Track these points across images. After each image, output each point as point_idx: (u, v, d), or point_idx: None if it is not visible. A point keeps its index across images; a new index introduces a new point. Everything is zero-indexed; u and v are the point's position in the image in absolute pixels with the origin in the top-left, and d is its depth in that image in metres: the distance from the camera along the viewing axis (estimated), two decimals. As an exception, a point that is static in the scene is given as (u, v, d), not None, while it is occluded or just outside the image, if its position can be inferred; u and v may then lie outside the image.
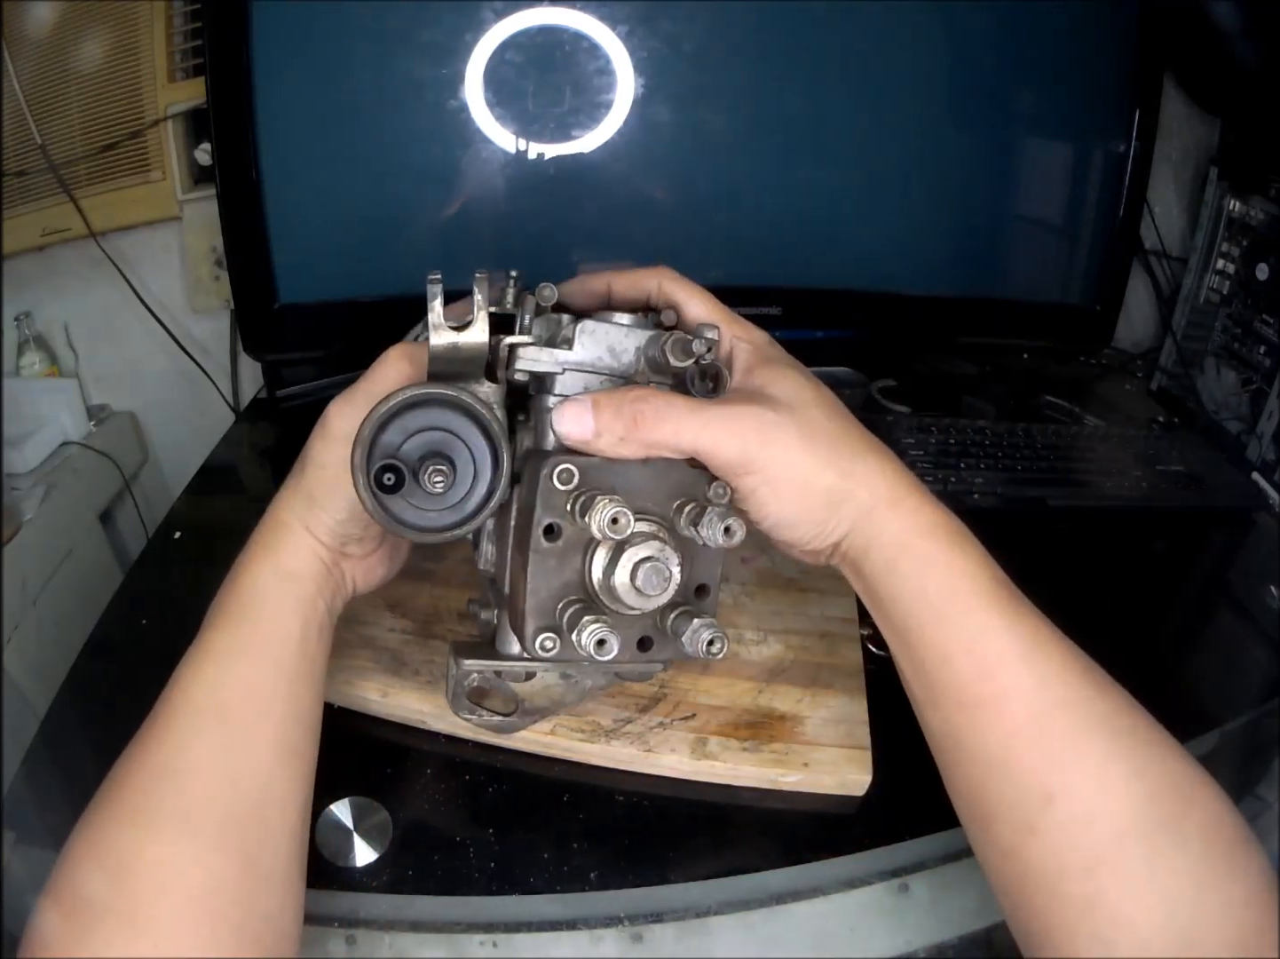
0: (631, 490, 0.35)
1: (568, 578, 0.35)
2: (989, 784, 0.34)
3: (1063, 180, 0.86)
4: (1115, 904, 0.31)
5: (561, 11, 0.69)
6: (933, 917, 0.44)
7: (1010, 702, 0.33)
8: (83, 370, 0.94)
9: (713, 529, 0.33)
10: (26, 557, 0.75)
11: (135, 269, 0.89)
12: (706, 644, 0.34)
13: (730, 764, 0.44)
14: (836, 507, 0.35)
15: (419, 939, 0.41)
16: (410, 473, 0.32)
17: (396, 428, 0.33)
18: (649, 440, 0.34)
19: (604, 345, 0.37)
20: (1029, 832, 0.33)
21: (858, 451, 0.36)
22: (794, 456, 0.35)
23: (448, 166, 0.72)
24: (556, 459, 0.34)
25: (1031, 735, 0.33)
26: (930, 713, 0.36)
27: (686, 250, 0.77)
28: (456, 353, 0.35)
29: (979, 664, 0.34)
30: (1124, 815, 0.32)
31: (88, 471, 0.88)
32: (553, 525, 0.34)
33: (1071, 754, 0.33)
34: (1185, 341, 0.92)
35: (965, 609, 0.35)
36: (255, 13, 0.65)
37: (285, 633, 0.37)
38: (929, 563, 0.35)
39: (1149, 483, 0.74)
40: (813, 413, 0.36)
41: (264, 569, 0.38)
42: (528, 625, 0.35)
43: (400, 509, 0.33)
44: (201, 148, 0.85)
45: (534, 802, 0.44)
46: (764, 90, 0.75)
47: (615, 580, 0.34)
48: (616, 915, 0.42)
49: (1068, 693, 0.34)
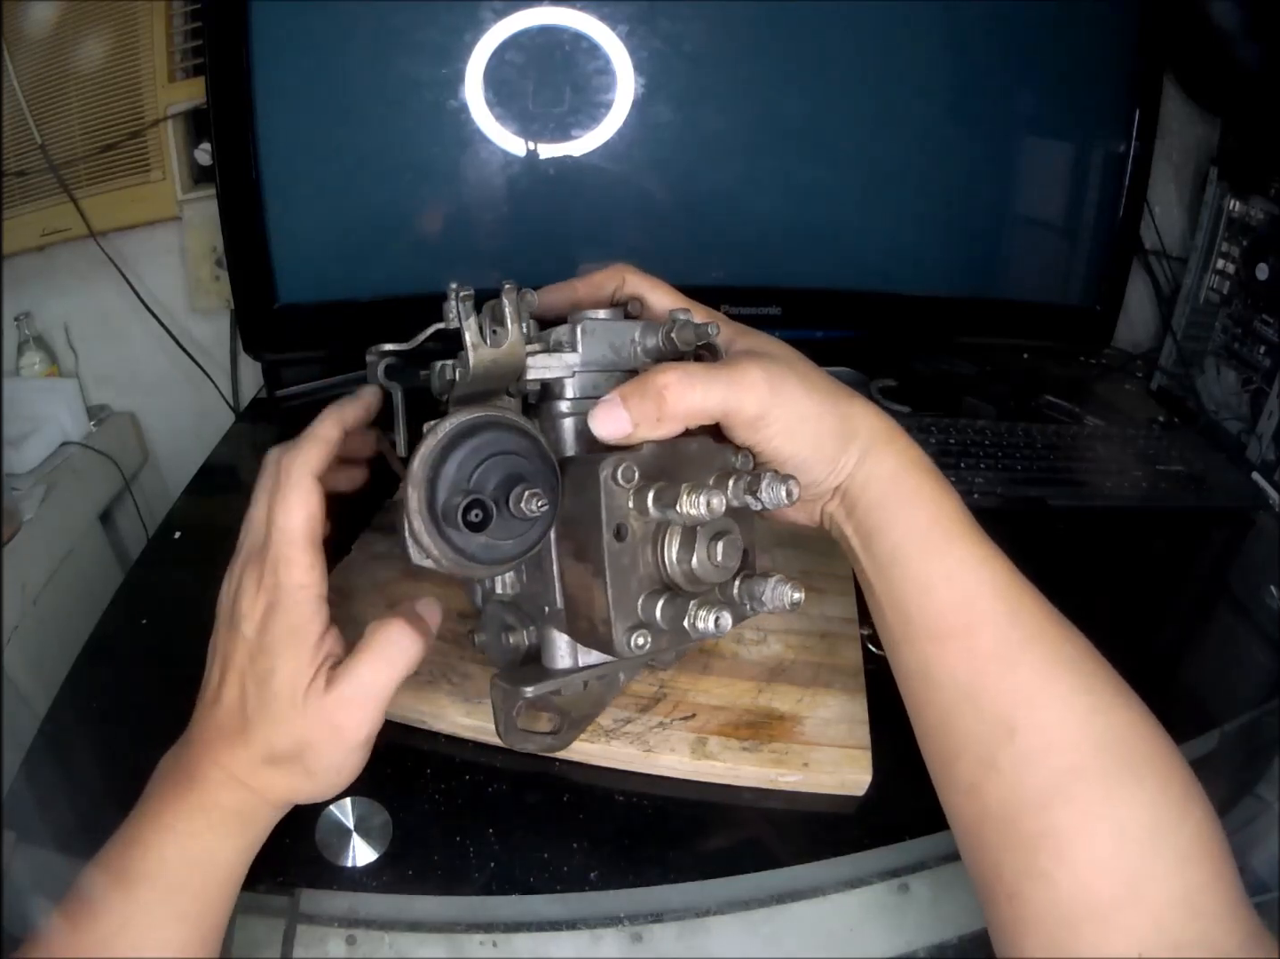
0: (678, 473, 0.35)
1: (642, 572, 0.35)
2: (956, 716, 0.35)
3: (1063, 180, 0.86)
4: (1066, 841, 0.31)
5: (561, 11, 0.69)
6: (933, 917, 0.44)
7: (983, 631, 0.35)
8: (83, 370, 0.94)
9: (774, 491, 0.34)
10: (26, 557, 0.75)
11: (135, 269, 0.89)
12: (790, 597, 0.35)
13: (730, 764, 0.44)
14: (845, 443, 0.37)
15: (419, 939, 0.41)
16: (493, 504, 0.31)
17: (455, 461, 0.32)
18: (681, 411, 0.35)
19: (605, 342, 0.37)
20: (990, 766, 0.34)
21: (851, 396, 0.39)
22: (801, 401, 0.36)
23: (448, 167, 0.73)
24: (616, 458, 0.34)
25: (1000, 667, 0.34)
26: (905, 648, 0.37)
27: (686, 250, 0.77)
28: (497, 368, 0.35)
29: (958, 593, 0.36)
30: (1083, 751, 0.33)
31: (88, 471, 0.88)
32: (620, 526, 0.34)
33: (1037, 687, 0.34)
34: (1185, 341, 0.92)
35: (949, 539, 0.37)
36: (255, 13, 0.65)
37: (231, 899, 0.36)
38: (918, 497, 0.37)
39: (1149, 483, 0.74)
40: (801, 365, 0.38)
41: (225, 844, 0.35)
42: (617, 628, 0.35)
43: (474, 546, 0.32)
44: (201, 148, 0.85)
45: (534, 801, 0.44)
46: (764, 90, 0.75)
47: (695, 561, 0.35)
48: (616, 915, 0.42)
49: (1037, 629, 0.35)
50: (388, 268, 0.74)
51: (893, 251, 0.82)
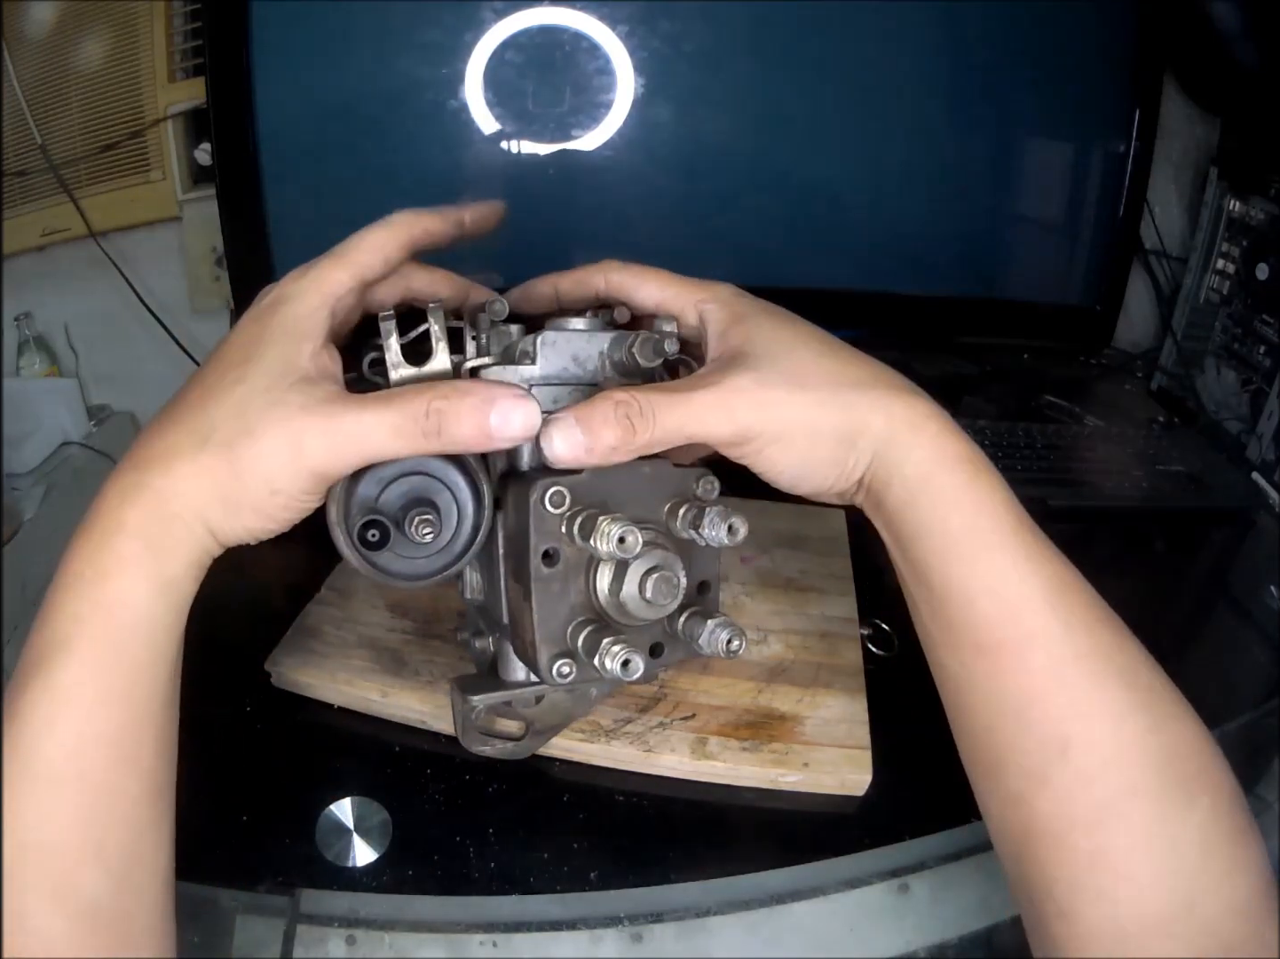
0: (623, 500, 0.34)
1: (573, 600, 0.34)
2: (1003, 730, 0.33)
3: (1063, 180, 0.86)
4: (1121, 859, 0.30)
5: (561, 11, 0.69)
6: (933, 917, 0.44)
7: (1033, 647, 0.32)
8: (83, 370, 0.94)
9: (716, 529, 0.33)
10: (26, 557, 0.75)
11: (135, 269, 0.89)
12: (726, 643, 0.33)
13: (730, 764, 0.44)
14: (852, 442, 0.34)
15: (419, 939, 0.41)
16: (394, 524, 0.31)
17: (370, 479, 0.32)
18: (641, 443, 0.32)
19: (567, 355, 0.35)
20: (1041, 781, 0.32)
21: (861, 383, 0.34)
22: (791, 408, 0.33)
23: (448, 167, 0.73)
24: (545, 482, 0.32)
25: (1052, 682, 0.32)
26: (947, 655, 0.35)
27: (686, 250, 0.77)
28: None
29: (1003, 607, 0.33)
30: (1138, 770, 0.31)
31: (88, 472, 0.87)
32: (550, 550, 0.33)
33: (1091, 704, 0.32)
34: (1185, 341, 0.92)
35: (989, 547, 0.33)
36: (255, 13, 0.65)
37: (161, 663, 0.31)
38: (953, 497, 0.34)
39: (1149, 483, 0.73)
40: (800, 355, 0.34)
41: (138, 579, 0.30)
42: (541, 654, 0.34)
43: (388, 561, 0.32)
44: (201, 148, 0.85)
45: (534, 801, 0.44)
46: (764, 90, 0.75)
47: (624, 595, 0.33)
48: (616, 915, 0.42)
49: (1091, 641, 0.33)
50: (388, 268, 0.74)
51: (893, 251, 0.82)
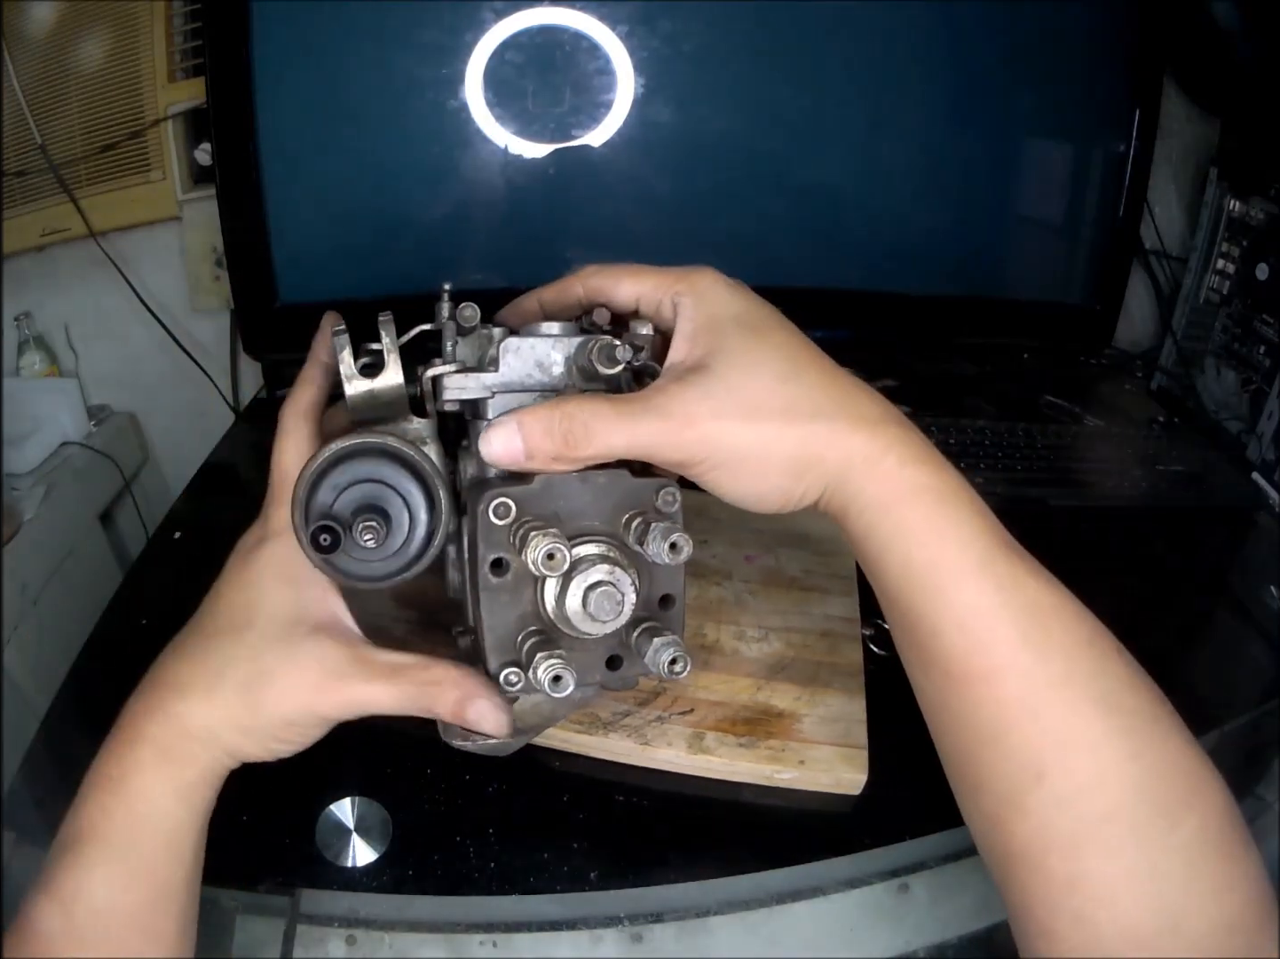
0: (576, 511, 0.33)
1: (524, 609, 0.34)
2: (979, 755, 0.33)
3: (1063, 180, 0.86)
4: (1100, 883, 0.30)
5: (561, 11, 0.69)
6: (933, 917, 0.44)
7: (1004, 678, 0.32)
8: (83, 370, 0.94)
9: (657, 546, 0.32)
10: (26, 557, 0.75)
11: (135, 269, 0.89)
12: (668, 664, 0.33)
13: (726, 759, 0.44)
14: (800, 475, 0.33)
15: (419, 939, 0.41)
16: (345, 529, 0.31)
17: (327, 486, 0.32)
18: (583, 456, 0.32)
19: (531, 361, 0.35)
20: (1016, 806, 0.32)
21: (820, 413, 0.33)
22: (740, 435, 0.32)
23: (448, 166, 0.73)
24: (491, 494, 0.32)
25: (1025, 712, 0.32)
26: (922, 678, 0.35)
27: (685, 250, 0.77)
28: (375, 399, 0.35)
29: (971, 639, 0.32)
30: (1116, 797, 0.31)
31: (88, 471, 0.88)
32: (499, 560, 0.33)
33: (1067, 732, 0.31)
34: (1185, 341, 0.92)
35: (955, 580, 0.32)
36: (255, 13, 0.65)
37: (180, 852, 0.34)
38: (914, 529, 0.33)
39: (1149, 483, 0.73)
40: (760, 377, 0.33)
41: (156, 782, 0.33)
42: (490, 662, 0.34)
43: (344, 563, 0.33)
44: (201, 148, 0.85)
45: (534, 801, 0.44)
46: (764, 90, 0.75)
47: (568, 609, 0.33)
48: (616, 915, 0.42)
49: (1067, 668, 0.32)
50: (388, 267, 0.74)
51: (893, 251, 0.82)
